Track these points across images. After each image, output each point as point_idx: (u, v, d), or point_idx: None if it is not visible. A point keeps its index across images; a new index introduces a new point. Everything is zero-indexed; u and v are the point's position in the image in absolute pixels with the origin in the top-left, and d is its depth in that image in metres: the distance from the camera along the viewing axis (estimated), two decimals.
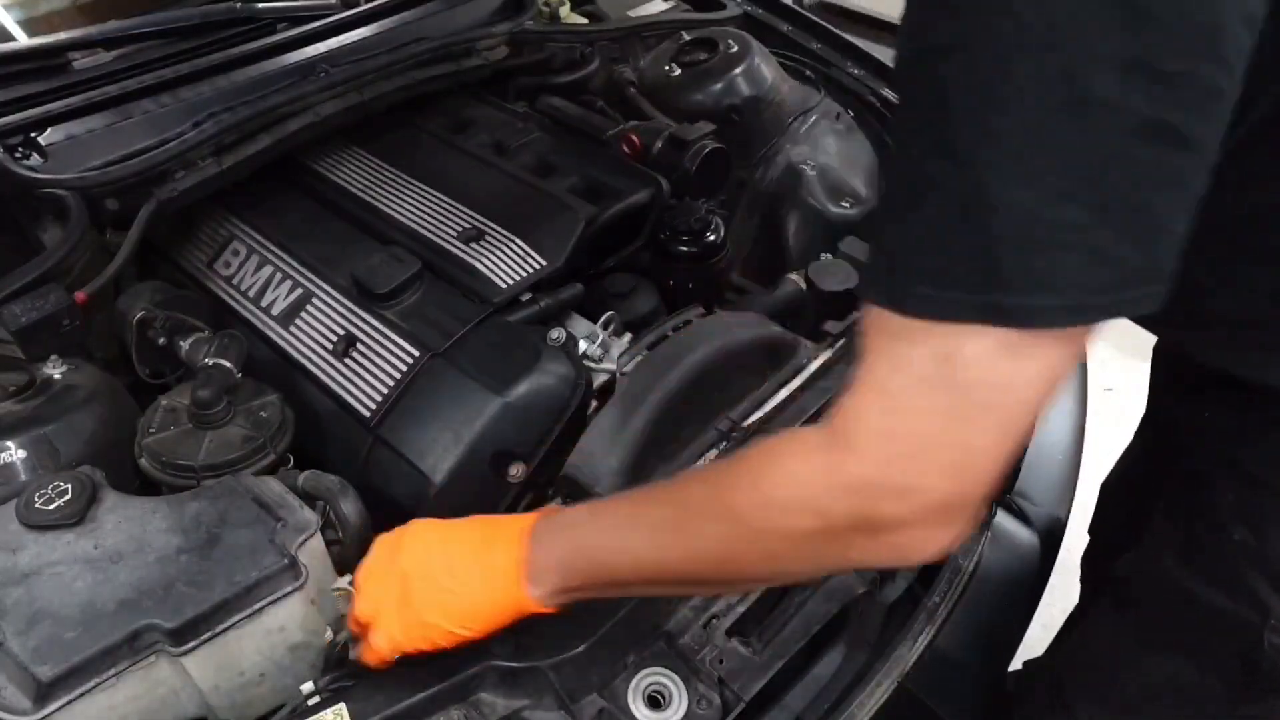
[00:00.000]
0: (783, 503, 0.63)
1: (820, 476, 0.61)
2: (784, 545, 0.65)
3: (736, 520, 0.66)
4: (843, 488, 0.60)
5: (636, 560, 0.73)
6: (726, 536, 0.67)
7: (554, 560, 0.77)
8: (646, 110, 1.68)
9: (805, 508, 0.62)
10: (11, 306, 1.10)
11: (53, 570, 0.85)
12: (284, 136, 1.38)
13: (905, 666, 1.05)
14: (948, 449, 0.57)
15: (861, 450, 0.58)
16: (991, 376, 0.55)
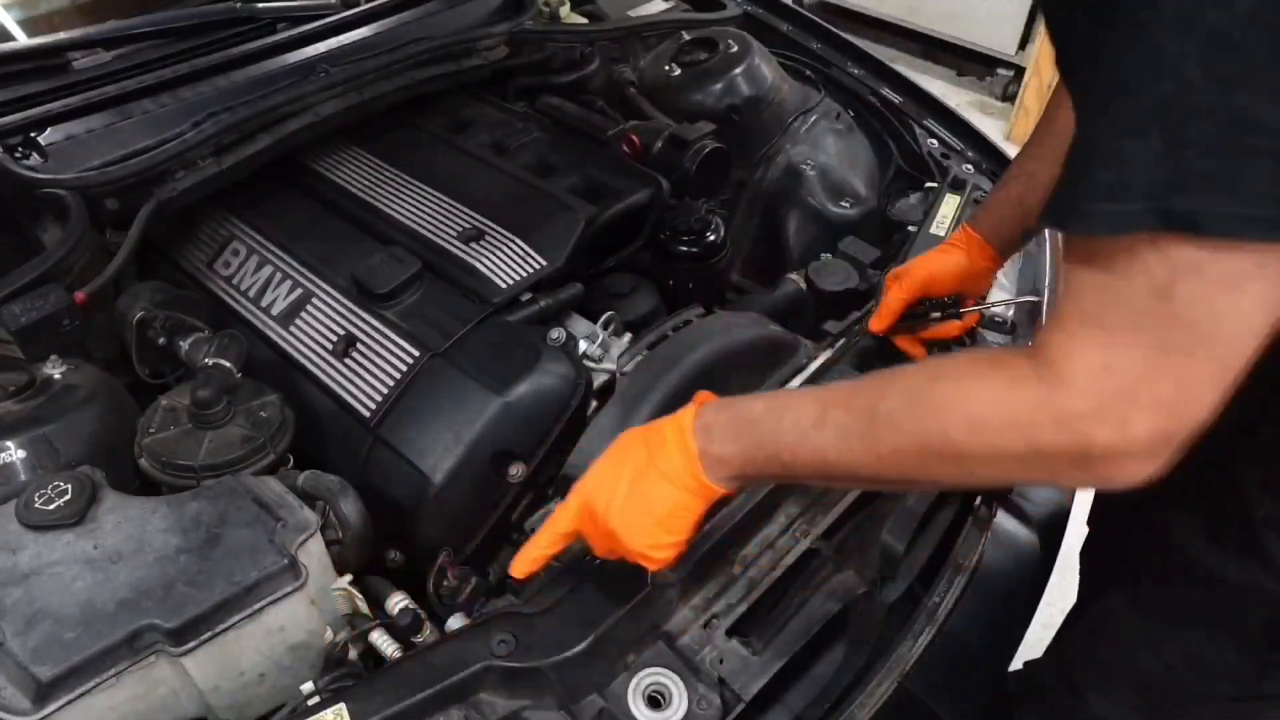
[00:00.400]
0: (996, 428, 0.64)
1: (1034, 409, 0.62)
2: (988, 466, 0.67)
3: (940, 438, 0.68)
4: (1056, 421, 0.61)
5: (822, 461, 0.75)
6: (923, 451, 0.69)
7: (730, 452, 0.80)
8: (646, 110, 1.68)
9: (1018, 435, 0.63)
10: (11, 306, 1.10)
11: (52, 570, 0.85)
12: (284, 136, 1.38)
13: (905, 666, 1.05)
14: (1164, 384, 0.58)
15: (1077, 386, 0.60)
16: (1208, 310, 0.55)
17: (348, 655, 0.95)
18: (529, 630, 0.87)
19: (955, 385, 0.68)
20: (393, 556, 1.11)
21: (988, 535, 1.23)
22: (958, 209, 1.42)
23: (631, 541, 0.83)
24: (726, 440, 0.80)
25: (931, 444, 0.69)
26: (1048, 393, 0.62)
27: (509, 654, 0.85)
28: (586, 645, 0.86)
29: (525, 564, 0.89)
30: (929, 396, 0.69)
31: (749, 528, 1.03)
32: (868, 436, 0.72)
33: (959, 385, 0.68)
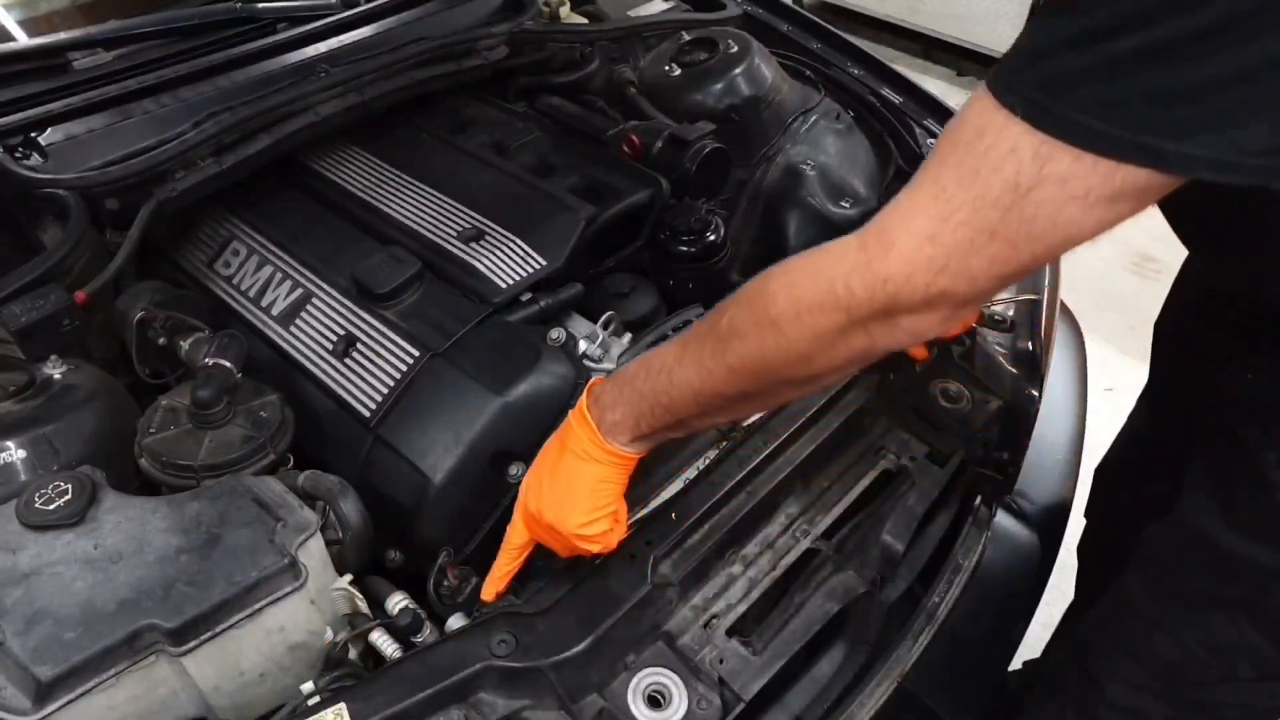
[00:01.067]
0: (813, 304, 0.69)
1: (851, 276, 0.66)
2: (815, 346, 0.70)
3: (770, 330, 0.71)
4: (868, 285, 0.65)
5: (694, 393, 0.79)
6: (763, 349, 0.73)
7: (621, 414, 0.85)
8: (646, 110, 1.68)
9: (832, 306, 0.67)
10: (11, 306, 1.10)
11: (53, 570, 0.85)
12: (284, 136, 1.38)
13: (905, 666, 1.05)
14: (978, 260, 0.62)
15: (896, 251, 0.64)
16: (1052, 216, 0.59)
17: (348, 655, 0.95)
18: (529, 630, 0.87)
19: (783, 274, 0.72)
20: (393, 556, 1.11)
21: (988, 535, 1.23)
22: None
23: (565, 525, 0.87)
24: (615, 403, 0.86)
25: (768, 341, 0.72)
26: (866, 260, 0.65)
27: (509, 654, 0.85)
28: (586, 645, 0.86)
29: (492, 586, 0.95)
30: (759, 297, 0.73)
31: (749, 528, 1.03)
32: (718, 352, 0.76)
33: (786, 273, 0.71)
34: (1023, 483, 1.29)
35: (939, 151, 0.63)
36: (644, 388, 0.83)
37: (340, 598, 0.96)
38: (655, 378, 0.82)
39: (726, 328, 0.76)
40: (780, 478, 1.06)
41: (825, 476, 1.12)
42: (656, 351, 0.85)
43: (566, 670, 0.85)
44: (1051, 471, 1.38)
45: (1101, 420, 1.56)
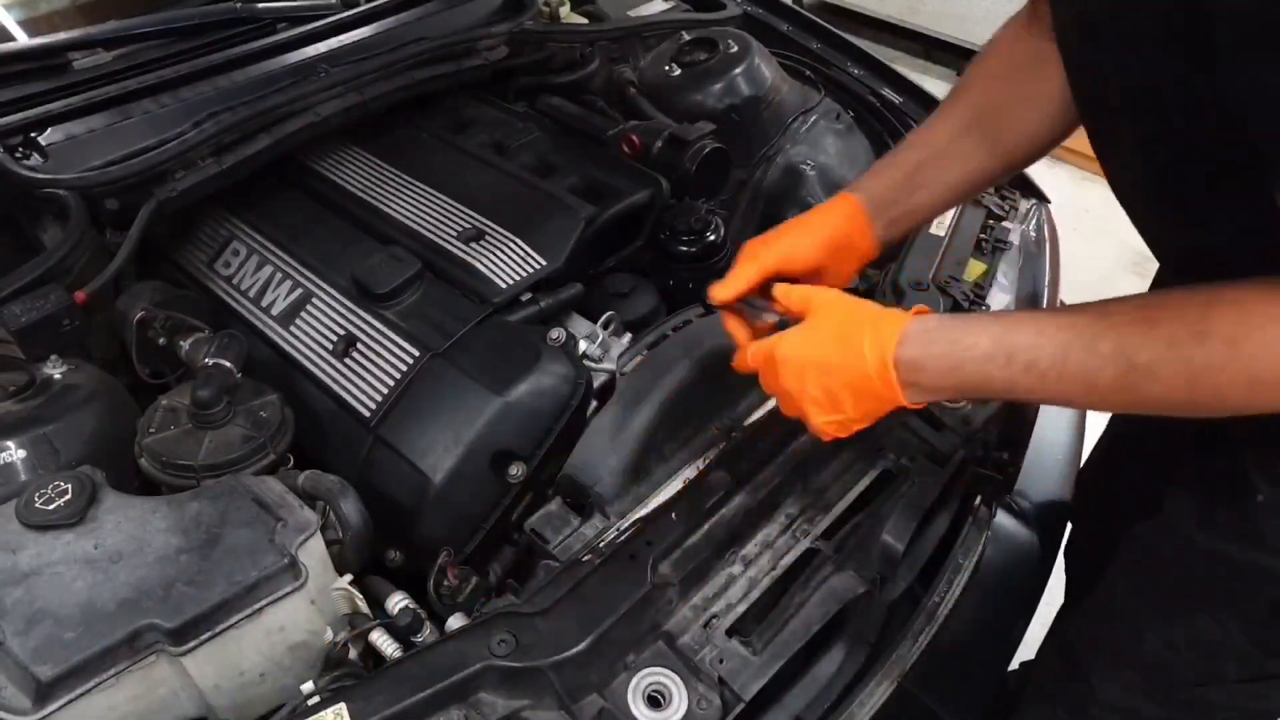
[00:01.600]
0: (1275, 381, 0.66)
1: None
2: (1252, 406, 0.69)
3: (1213, 391, 0.68)
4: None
5: (1063, 399, 0.76)
6: (1191, 402, 0.70)
7: (942, 387, 0.80)
8: (646, 110, 1.68)
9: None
10: (11, 306, 1.10)
11: (53, 570, 0.85)
12: (284, 136, 1.39)
13: (905, 666, 1.05)
14: None
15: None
16: None
17: (348, 655, 0.95)
18: (529, 630, 0.87)
19: (1228, 347, 0.66)
20: (393, 556, 1.11)
21: (988, 535, 1.23)
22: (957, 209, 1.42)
23: (800, 400, 0.86)
24: (941, 374, 0.79)
25: (1200, 396, 0.69)
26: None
27: (509, 654, 0.85)
28: (586, 645, 0.86)
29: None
30: (1199, 353, 0.68)
31: (749, 528, 1.03)
32: (1122, 385, 0.71)
33: (1234, 347, 0.66)
34: (1023, 483, 1.29)
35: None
36: (997, 379, 0.76)
37: (340, 598, 0.96)
38: (1016, 376, 0.75)
39: (1145, 367, 0.70)
40: (780, 478, 1.06)
41: (825, 476, 1.11)
42: (1019, 336, 0.75)
43: (566, 670, 0.85)
44: (1051, 471, 1.38)
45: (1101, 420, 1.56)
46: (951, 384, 0.80)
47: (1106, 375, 0.71)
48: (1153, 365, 0.69)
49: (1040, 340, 0.74)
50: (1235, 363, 0.66)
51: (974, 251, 1.39)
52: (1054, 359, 0.73)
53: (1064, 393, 0.75)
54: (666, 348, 1.15)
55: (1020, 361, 0.75)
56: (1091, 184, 3.58)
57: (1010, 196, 1.48)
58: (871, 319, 0.83)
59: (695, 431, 1.12)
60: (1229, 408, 0.69)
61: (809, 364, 0.84)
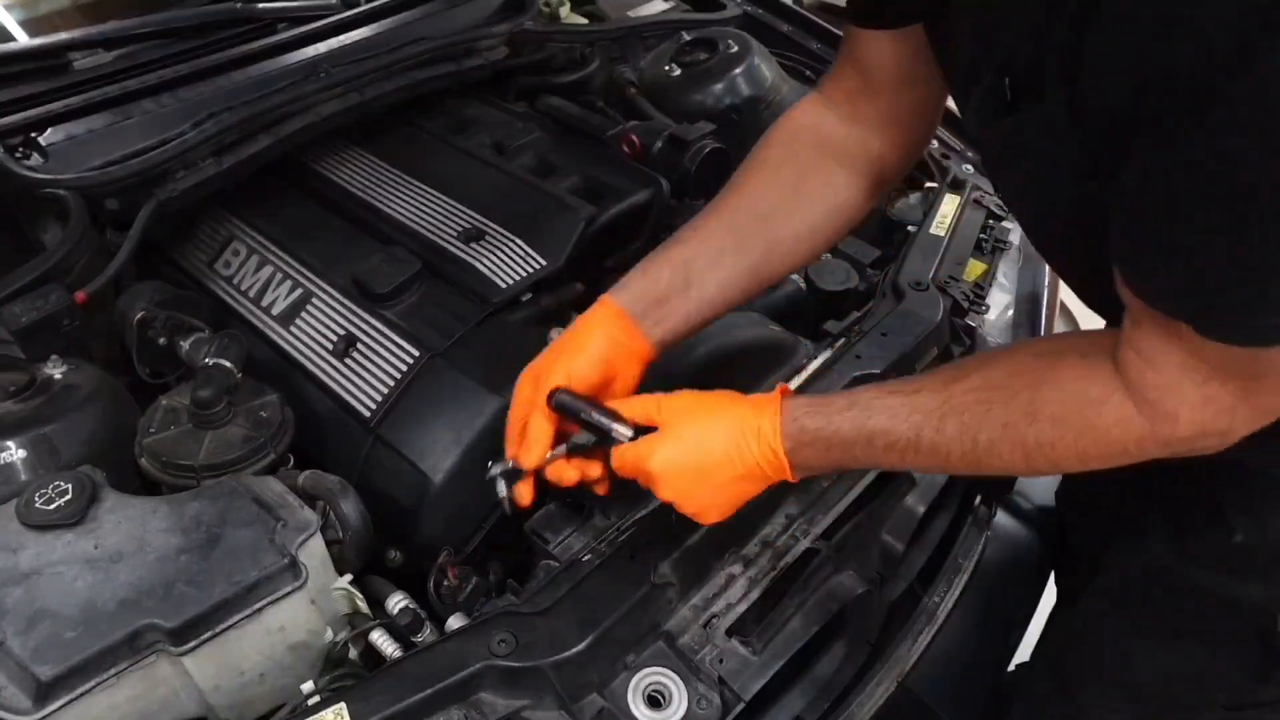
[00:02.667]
0: (1102, 456, 0.73)
1: (1142, 439, 0.71)
2: (1090, 464, 0.75)
3: (1047, 462, 0.75)
4: (1163, 444, 0.71)
5: (917, 468, 0.84)
6: (1029, 468, 0.77)
7: (819, 464, 0.86)
8: (646, 110, 1.68)
9: (1126, 456, 0.73)
10: (11, 306, 1.10)
11: (53, 570, 0.85)
12: (284, 136, 1.39)
13: (905, 666, 1.05)
14: (1262, 399, 0.68)
15: (1182, 420, 0.69)
16: None
17: (348, 655, 0.95)
18: (529, 630, 0.87)
19: (1057, 426, 0.73)
20: (393, 556, 1.11)
21: (988, 535, 1.23)
22: (957, 209, 1.42)
23: (702, 519, 0.89)
24: (817, 457, 0.84)
25: (1038, 466, 0.76)
26: (1154, 427, 0.70)
27: (509, 654, 0.85)
28: (586, 645, 0.86)
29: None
30: (1032, 432, 0.74)
31: (749, 528, 1.03)
32: (970, 460, 0.77)
33: (1062, 426, 0.73)
34: (1023, 483, 1.29)
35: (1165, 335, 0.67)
36: (861, 454, 0.82)
37: (340, 598, 0.96)
38: (878, 452, 0.81)
39: (985, 446, 0.76)
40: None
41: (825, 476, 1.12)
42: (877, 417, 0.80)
43: (566, 670, 0.85)
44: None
45: None
46: (826, 465, 0.87)
47: (955, 452, 0.77)
48: (993, 443, 0.75)
49: (894, 423, 0.80)
50: (1063, 440, 0.73)
51: (974, 251, 1.39)
52: (909, 440, 0.79)
53: (924, 465, 0.82)
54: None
55: (880, 443, 0.80)
56: None
57: None
58: (740, 417, 0.85)
59: None
60: (1070, 472, 0.77)
61: (687, 472, 0.85)
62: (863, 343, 1.18)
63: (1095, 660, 1.13)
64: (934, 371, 0.82)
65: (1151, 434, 0.71)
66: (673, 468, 0.85)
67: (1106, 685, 1.11)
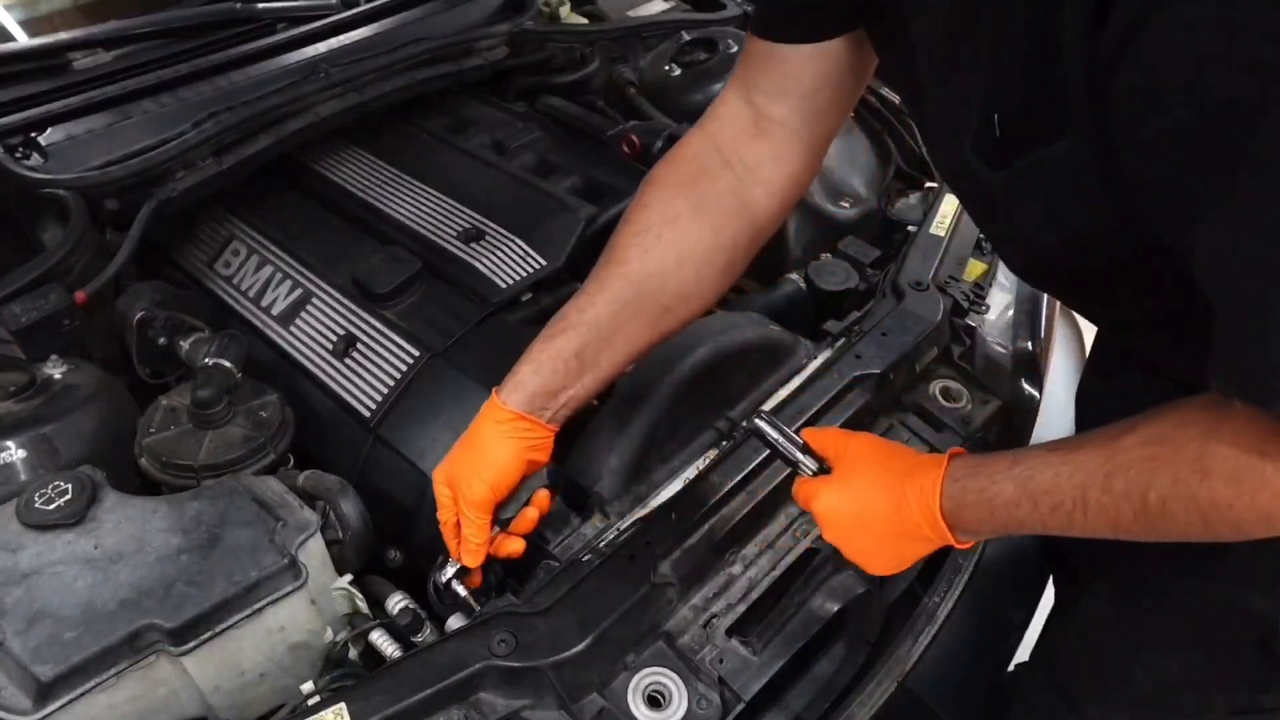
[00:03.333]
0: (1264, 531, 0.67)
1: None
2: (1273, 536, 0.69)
3: (1229, 526, 0.69)
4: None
5: (1085, 533, 0.76)
6: (1207, 532, 0.70)
7: (988, 530, 0.83)
8: (646, 110, 1.68)
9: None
10: (11, 306, 1.10)
11: (53, 570, 0.85)
12: (284, 136, 1.39)
13: (905, 666, 1.05)
14: None
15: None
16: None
17: (348, 655, 0.95)
18: (529, 630, 0.87)
19: (1229, 485, 0.67)
20: (393, 556, 1.11)
21: None
22: (957, 209, 1.42)
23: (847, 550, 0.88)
24: (979, 520, 0.81)
25: (1218, 530, 0.70)
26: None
27: (509, 654, 0.85)
28: (586, 645, 0.86)
29: None
30: (1204, 492, 0.68)
31: (749, 528, 1.03)
32: (1140, 521, 0.72)
33: (1234, 484, 0.67)
34: None
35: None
36: (1026, 519, 0.78)
37: (340, 598, 0.96)
38: (1045, 516, 0.77)
39: (1157, 505, 0.70)
40: (780, 478, 1.06)
41: None
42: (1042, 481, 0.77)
43: (566, 670, 0.85)
44: None
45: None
46: (990, 528, 0.83)
47: (1126, 513, 0.72)
48: (1165, 502, 0.70)
49: (1059, 483, 0.75)
50: (1240, 500, 0.67)
51: (974, 251, 1.39)
52: (1075, 500, 0.74)
53: (1094, 528, 0.75)
54: (666, 348, 1.15)
55: (1046, 504, 0.76)
56: None
57: None
58: (906, 472, 0.84)
59: (695, 431, 1.12)
60: (1255, 536, 0.69)
61: (848, 519, 0.86)
62: (863, 343, 1.18)
63: (1095, 667, 1.13)
64: (1101, 429, 0.76)
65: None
66: (835, 513, 0.86)
67: (1106, 689, 1.11)
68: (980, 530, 0.83)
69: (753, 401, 1.17)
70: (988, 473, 0.81)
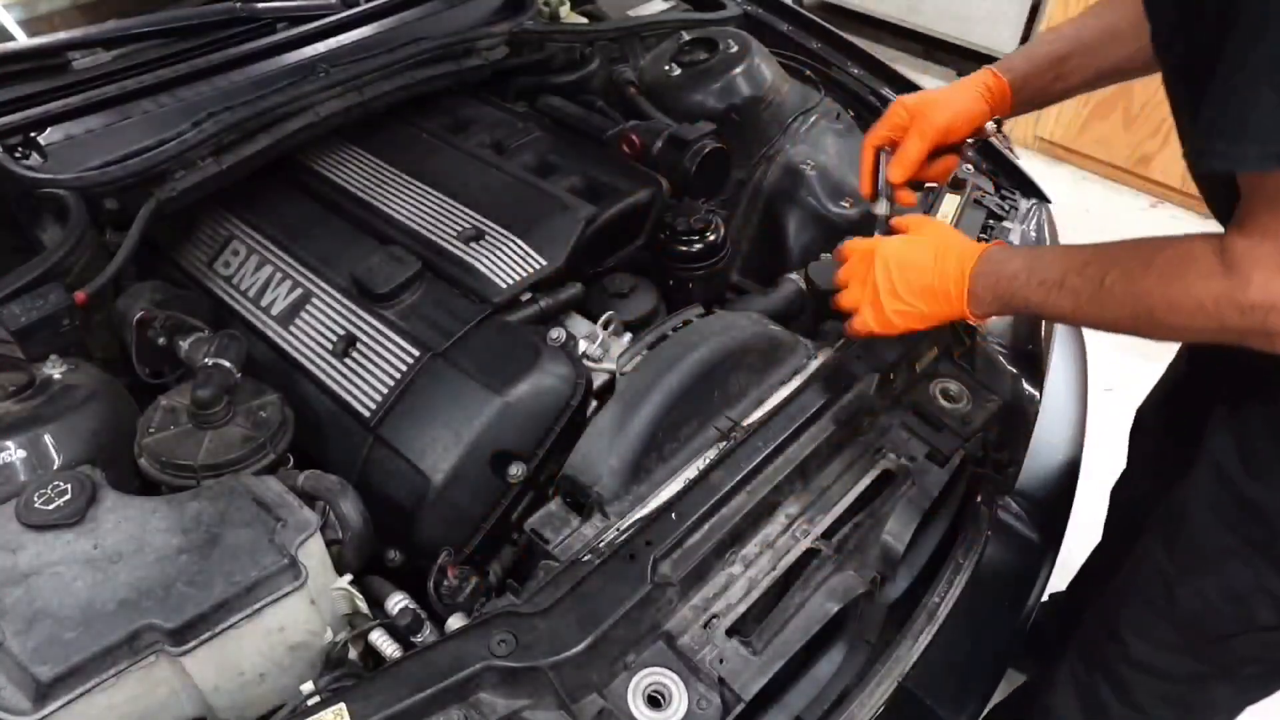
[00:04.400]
0: (1188, 310, 0.82)
1: (1219, 300, 0.79)
2: (1185, 333, 0.88)
3: (1146, 311, 0.86)
4: (1240, 311, 0.79)
5: (1061, 314, 0.96)
6: (1135, 318, 0.88)
7: (992, 297, 1.01)
8: (646, 110, 1.68)
9: (1207, 318, 0.81)
10: (11, 306, 1.10)
11: (53, 570, 0.85)
12: (284, 136, 1.38)
13: (905, 666, 1.05)
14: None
15: (1254, 285, 0.77)
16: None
17: (348, 655, 0.95)
18: (529, 630, 0.87)
19: (1160, 276, 0.84)
20: (392, 556, 1.11)
21: (988, 535, 1.23)
22: (958, 209, 1.42)
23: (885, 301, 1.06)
24: (986, 289, 1.01)
25: (1140, 313, 0.87)
26: (1231, 289, 0.78)
27: (509, 654, 0.85)
28: (586, 645, 0.86)
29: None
30: (1141, 280, 0.86)
31: (749, 528, 1.03)
32: (1094, 301, 0.91)
33: (1163, 276, 0.84)
34: (1023, 483, 1.29)
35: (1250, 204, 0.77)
36: (1020, 291, 0.97)
37: (340, 598, 0.96)
38: (1033, 289, 0.96)
39: (1107, 289, 0.88)
40: (780, 478, 1.06)
41: (825, 476, 1.11)
42: (1041, 261, 0.97)
43: (566, 670, 0.85)
44: (1051, 471, 1.38)
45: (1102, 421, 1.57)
46: (994, 296, 1.00)
47: (1085, 293, 0.91)
48: (1113, 285, 0.88)
49: (1052, 265, 0.95)
50: (1159, 288, 0.84)
51: None
52: (1056, 280, 0.93)
53: (1064, 307, 0.94)
54: (666, 348, 1.15)
55: (1035, 279, 0.96)
56: (1091, 184, 3.58)
57: (1010, 196, 1.48)
58: (960, 244, 1.05)
59: (695, 431, 1.12)
60: (1164, 334, 0.87)
61: (904, 262, 1.05)
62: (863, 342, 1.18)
63: (1141, 593, 1.19)
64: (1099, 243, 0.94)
65: (1227, 294, 0.78)
66: (895, 254, 1.06)
67: (1150, 616, 1.17)
68: (985, 297, 1.01)
69: (753, 401, 1.17)
70: (1010, 253, 1.02)
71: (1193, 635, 1.13)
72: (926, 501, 1.10)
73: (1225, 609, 1.08)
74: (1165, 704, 1.22)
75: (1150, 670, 1.19)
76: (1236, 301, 0.78)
